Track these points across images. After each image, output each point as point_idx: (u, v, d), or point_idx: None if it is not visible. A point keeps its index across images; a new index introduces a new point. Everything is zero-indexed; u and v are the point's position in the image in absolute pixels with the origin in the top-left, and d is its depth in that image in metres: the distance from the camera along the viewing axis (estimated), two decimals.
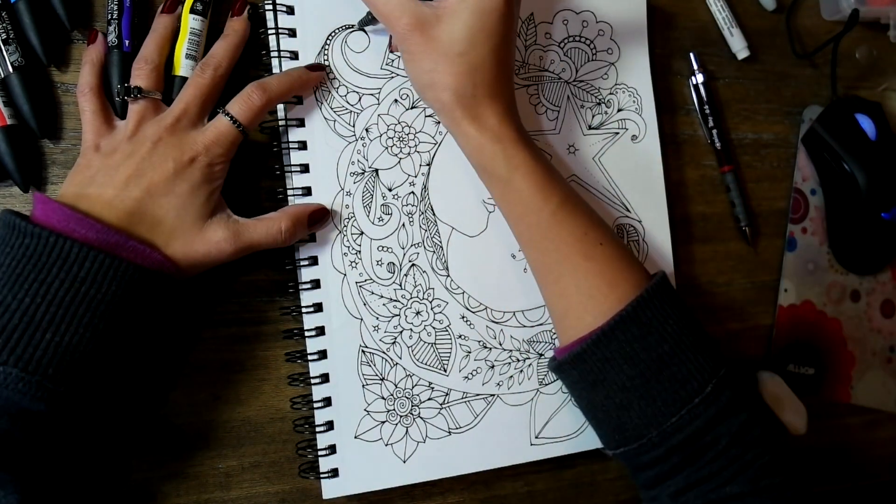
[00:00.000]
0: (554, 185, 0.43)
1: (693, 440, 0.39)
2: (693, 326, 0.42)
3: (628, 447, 0.41)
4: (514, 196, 0.43)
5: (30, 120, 0.42)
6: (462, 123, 0.42)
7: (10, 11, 0.41)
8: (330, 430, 0.45)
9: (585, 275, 0.42)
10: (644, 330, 0.40)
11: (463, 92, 0.41)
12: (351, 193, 0.46)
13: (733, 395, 0.40)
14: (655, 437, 0.40)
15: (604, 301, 0.42)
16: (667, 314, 0.41)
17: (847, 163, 0.57)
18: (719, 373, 0.40)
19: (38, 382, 0.34)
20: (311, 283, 0.45)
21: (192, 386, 0.44)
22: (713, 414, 0.39)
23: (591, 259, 0.42)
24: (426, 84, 0.42)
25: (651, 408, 0.40)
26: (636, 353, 0.40)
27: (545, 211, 0.42)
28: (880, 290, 0.61)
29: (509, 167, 0.42)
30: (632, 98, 0.53)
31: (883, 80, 0.63)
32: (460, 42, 0.40)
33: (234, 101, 0.41)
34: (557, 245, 0.43)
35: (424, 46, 0.41)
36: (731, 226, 0.57)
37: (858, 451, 0.60)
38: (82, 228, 0.36)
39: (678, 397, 0.40)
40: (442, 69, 0.41)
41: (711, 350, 0.41)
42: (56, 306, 0.34)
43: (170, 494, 0.44)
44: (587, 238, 0.43)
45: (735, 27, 0.57)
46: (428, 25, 0.41)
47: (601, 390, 0.42)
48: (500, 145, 0.42)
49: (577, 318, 0.43)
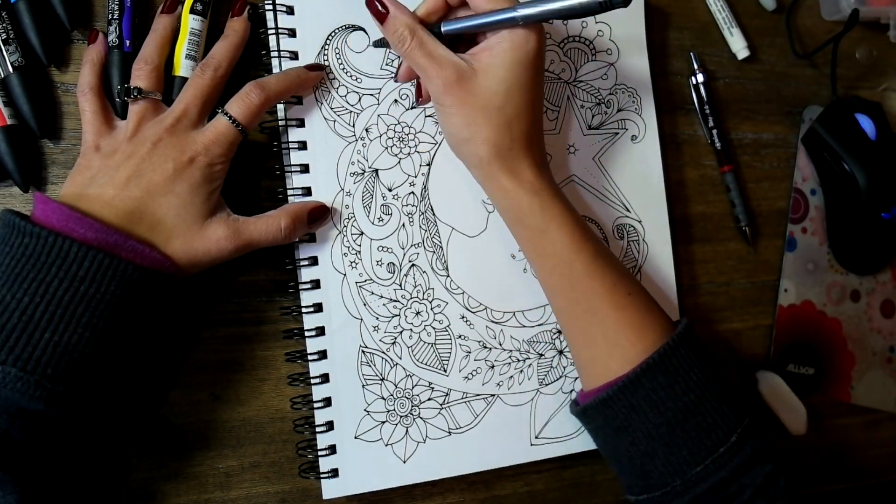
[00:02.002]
0: (587, 238, 0.43)
1: (717, 490, 0.39)
2: (718, 375, 0.42)
3: (652, 494, 0.42)
4: (548, 248, 0.43)
5: (30, 120, 0.42)
6: (499, 177, 0.42)
7: (10, 11, 0.41)
8: (330, 430, 0.45)
9: (615, 324, 0.43)
10: (670, 378, 0.41)
11: (501, 145, 0.41)
12: (351, 193, 0.46)
13: (758, 445, 0.40)
14: (679, 486, 0.40)
15: (631, 349, 0.42)
16: (692, 362, 0.41)
17: (847, 163, 0.57)
18: (744, 422, 0.40)
19: (36, 382, 0.34)
20: (311, 284, 0.45)
21: (191, 386, 0.44)
22: (738, 464, 0.39)
23: (620, 309, 0.43)
24: (464, 139, 0.42)
25: (676, 456, 0.40)
26: (662, 402, 0.40)
27: (577, 262, 0.43)
28: (880, 290, 0.61)
29: (545, 218, 0.42)
30: (631, 98, 0.53)
31: (883, 80, 0.63)
32: (498, 96, 0.41)
33: (232, 100, 0.41)
34: (588, 296, 0.43)
35: (462, 101, 0.41)
36: (731, 226, 0.57)
37: (858, 451, 0.60)
38: (82, 228, 0.36)
39: (703, 447, 0.40)
40: (480, 123, 0.41)
41: (736, 399, 0.41)
42: (55, 306, 0.34)
43: (170, 494, 0.44)
44: (616, 289, 0.43)
45: (735, 27, 0.57)
46: (465, 80, 0.41)
47: (626, 437, 0.42)
48: (538, 197, 0.42)
49: (603, 365, 0.43)
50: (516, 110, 0.41)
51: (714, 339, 0.56)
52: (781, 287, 0.58)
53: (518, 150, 0.42)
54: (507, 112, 0.41)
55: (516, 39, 0.40)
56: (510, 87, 0.41)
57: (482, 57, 0.41)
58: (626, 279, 0.44)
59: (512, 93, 0.41)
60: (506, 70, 0.40)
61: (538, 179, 0.43)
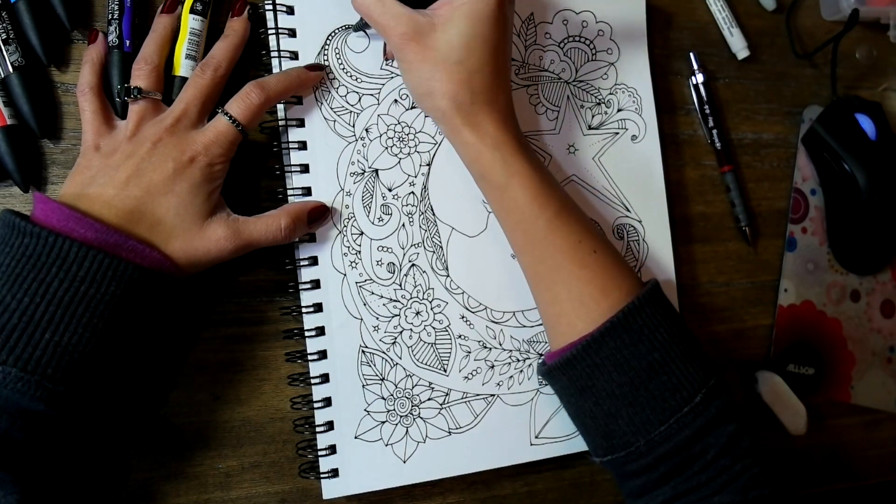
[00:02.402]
0: (550, 193, 0.43)
1: (681, 450, 0.39)
2: (684, 335, 0.41)
3: (616, 455, 0.41)
4: (510, 203, 0.43)
5: (30, 120, 0.42)
6: (461, 131, 0.42)
7: (10, 11, 0.41)
8: (330, 430, 0.45)
9: (578, 282, 0.42)
10: (635, 337, 0.40)
11: (461, 99, 0.41)
12: (351, 193, 0.46)
13: (723, 405, 0.40)
14: (643, 445, 0.40)
15: (595, 308, 0.42)
16: (658, 322, 0.41)
17: (847, 163, 0.57)
18: (709, 382, 0.40)
19: (37, 382, 0.34)
20: (311, 283, 0.45)
21: (192, 386, 0.44)
22: (702, 424, 0.39)
23: (584, 266, 0.42)
24: (424, 93, 0.42)
25: (639, 416, 0.40)
26: (626, 361, 0.40)
27: (541, 219, 0.42)
28: (880, 290, 0.61)
29: (507, 174, 0.42)
30: (631, 98, 0.53)
31: (883, 80, 0.63)
32: (457, 49, 0.40)
33: (232, 100, 0.41)
34: (552, 253, 0.43)
35: (421, 55, 0.41)
36: (731, 226, 0.57)
37: (858, 451, 0.60)
38: (81, 228, 0.36)
39: (667, 406, 0.39)
40: (439, 77, 0.41)
41: (702, 359, 0.41)
42: (55, 306, 0.34)
43: (170, 494, 0.44)
44: (581, 246, 0.43)
45: (735, 27, 0.57)
46: (423, 34, 0.41)
47: (590, 397, 0.41)
48: (499, 152, 0.42)
49: (568, 324, 0.43)
50: (476, 64, 0.41)
51: (714, 339, 0.56)
52: (781, 287, 0.58)
53: (480, 105, 0.42)
54: (467, 65, 0.41)
55: None
56: (469, 40, 0.40)
57: (442, 11, 0.41)
58: (592, 236, 0.43)
59: (472, 46, 0.41)
60: (464, 23, 0.40)
61: (501, 133, 0.42)
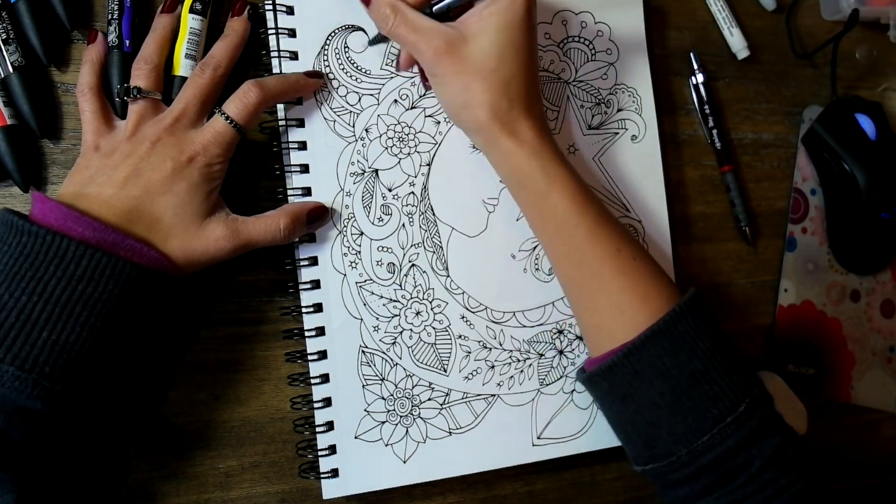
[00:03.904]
0: (590, 200, 0.43)
1: (724, 461, 0.39)
2: (726, 344, 0.41)
3: (657, 464, 0.41)
4: (550, 211, 0.43)
5: (30, 120, 0.42)
6: (500, 140, 0.42)
7: (10, 11, 0.41)
8: (330, 430, 0.45)
9: (619, 290, 0.42)
10: (676, 345, 0.40)
11: (500, 107, 0.41)
12: (351, 194, 0.46)
13: (767, 415, 0.39)
14: (685, 455, 0.39)
15: (636, 315, 0.41)
16: (699, 331, 0.40)
17: (847, 163, 0.57)
18: (752, 392, 0.40)
19: (34, 381, 0.34)
20: (311, 284, 0.45)
21: (191, 385, 0.44)
22: (746, 434, 0.38)
23: (624, 274, 0.42)
24: (461, 105, 0.42)
25: (681, 425, 0.39)
26: (667, 369, 0.40)
27: (581, 226, 0.42)
28: (880, 290, 0.61)
29: (547, 181, 0.42)
30: (631, 98, 0.53)
31: (883, 80, 0.63)
32: (491, 58, 0.40)
33: (230, 100, 0.41)
34: (591, 261, 0.42)
35: (455, 67, 0.41)
36: (731, 226, 0.57)
37: (858, 451, 0.60)
38: (79, 227, 0.36)
39: (709, 415, 0.39)
40: (476, 87, 0.41)
41: (744, 369, 0.41)
42: (53, 304, 0.34)
43: (170, 494, 0.44)
44: (621, 254, 0.42)
45: (735, 27, 0.57)
46: (456, 46, 0.40)
47: (631, 404, 0.41)
48: (538, 159, 0.42)
49: (608, 332, 0.42)
50: (511, 72, 0.41)
51: None
52: (781, 287, 0.58)
53: (517, 112, 0.42)
54: (502, 74, 0.41)
55: (502, 2, 0.40)
56: (502, 48, 0.40)
57: (470, 23, 0.41)
58: (631, 244, 0.43)
59: (504, 54, 0.40)
60: (496, 32, 0.40)
61: (539, 141, 0.42)
